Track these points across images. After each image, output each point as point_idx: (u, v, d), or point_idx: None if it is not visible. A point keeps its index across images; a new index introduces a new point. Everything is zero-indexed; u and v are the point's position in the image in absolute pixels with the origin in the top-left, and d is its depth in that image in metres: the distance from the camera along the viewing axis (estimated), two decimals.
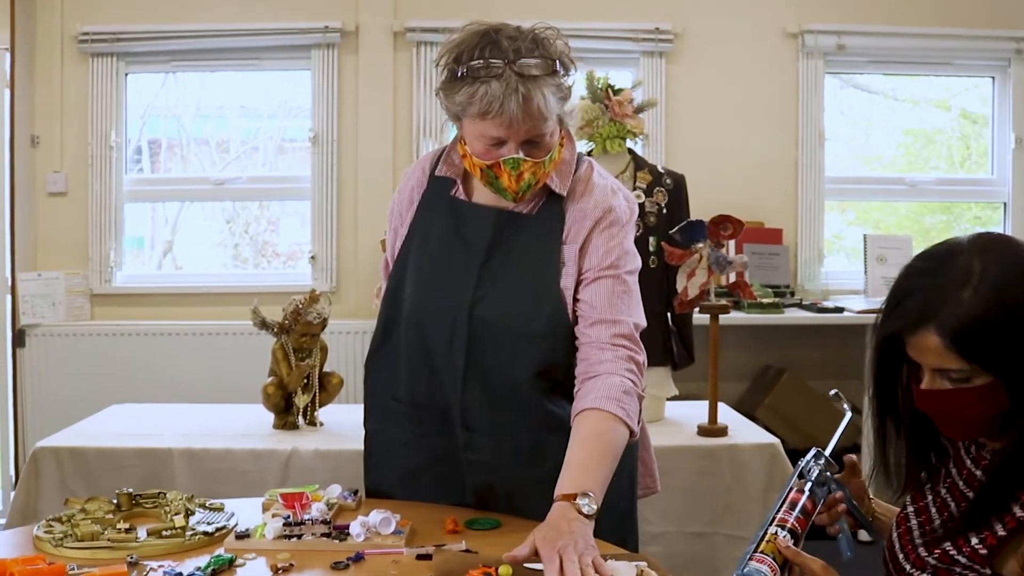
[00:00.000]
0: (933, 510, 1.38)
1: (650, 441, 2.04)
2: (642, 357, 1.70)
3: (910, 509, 1.43)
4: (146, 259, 4.80)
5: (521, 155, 1.63)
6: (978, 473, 1.34)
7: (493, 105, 1.57)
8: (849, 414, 1.54)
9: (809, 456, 1.47)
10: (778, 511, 1.37)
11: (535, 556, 1.41)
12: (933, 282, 1.27)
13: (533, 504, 1.71)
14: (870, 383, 1.41)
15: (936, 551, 1.31)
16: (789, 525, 1.34)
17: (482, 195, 1.78)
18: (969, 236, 1.32)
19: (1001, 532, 1.23)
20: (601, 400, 1.61)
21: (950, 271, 1.26)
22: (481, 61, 1.58)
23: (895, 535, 1.42)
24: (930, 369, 1.28)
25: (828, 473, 1.43)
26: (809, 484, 1.41)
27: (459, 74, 1.60)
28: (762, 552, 1.29)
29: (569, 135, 1.78)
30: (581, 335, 1.70)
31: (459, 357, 1.72)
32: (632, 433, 1.64)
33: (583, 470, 1.55)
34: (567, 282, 1.72)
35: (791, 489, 1.40)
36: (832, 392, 1.65)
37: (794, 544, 1.33)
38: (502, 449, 1.74)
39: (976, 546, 1.25)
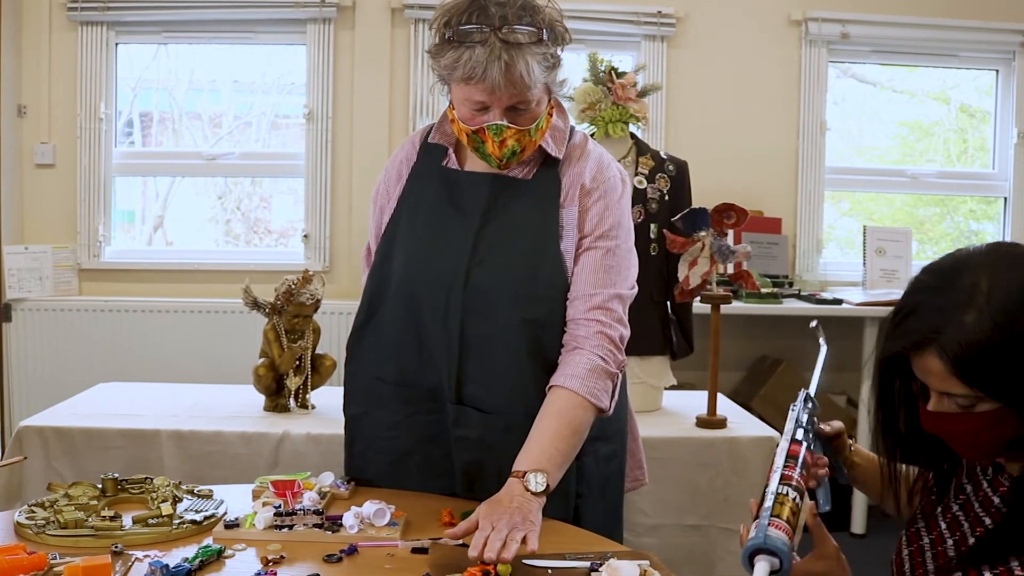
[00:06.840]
0: (943, 526, 1.32)
1: (639, 432, 2.00)
2: (617, 331, 1.68)
3: (921, 525, 1.36)
4: (137, 233, 4.72)
5: (504, 122, 1.62)
6: (995, 499, 1.26)
7: (476, 71, 1.56)
8: (825, 347, 1.54)
9: (800, 399, 1.45)
10: (783, 465, 1.31)
11: (471, 534, 1.43)
12: (937, 301, 1.17)
13: None
14: (872, 403, 1.33)
15: None
16: (795, 483, 1.28)
17: (476, 163, 1.76)
18: (980, 249, 1.21)
19: (1019, 572, 1.16)
20: (567, 378, 1.62)
21: (955, 290, 1.17)
22: (468, 26, 1.57)
23: (906, 551, 1.36)
24: (936, 391, 1.20)
25: (815, 418, 1.44)
26: (810, 434, 1.40)
27: (447, 37, 1.60)
28: (777, 517, 1.22)
29: (560, 105, 1.78)
30: (567, 308, 1.70)
31: (454, 326, 1.68)
32: (600, 410, 1.65)
33: (540, 448, 1.57)
34: (567, 245, 1.70)
35: (792, 440, 1.36)
36: (812, 323, 1.66)
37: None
38: (494, 426, 1.69)
39: None
